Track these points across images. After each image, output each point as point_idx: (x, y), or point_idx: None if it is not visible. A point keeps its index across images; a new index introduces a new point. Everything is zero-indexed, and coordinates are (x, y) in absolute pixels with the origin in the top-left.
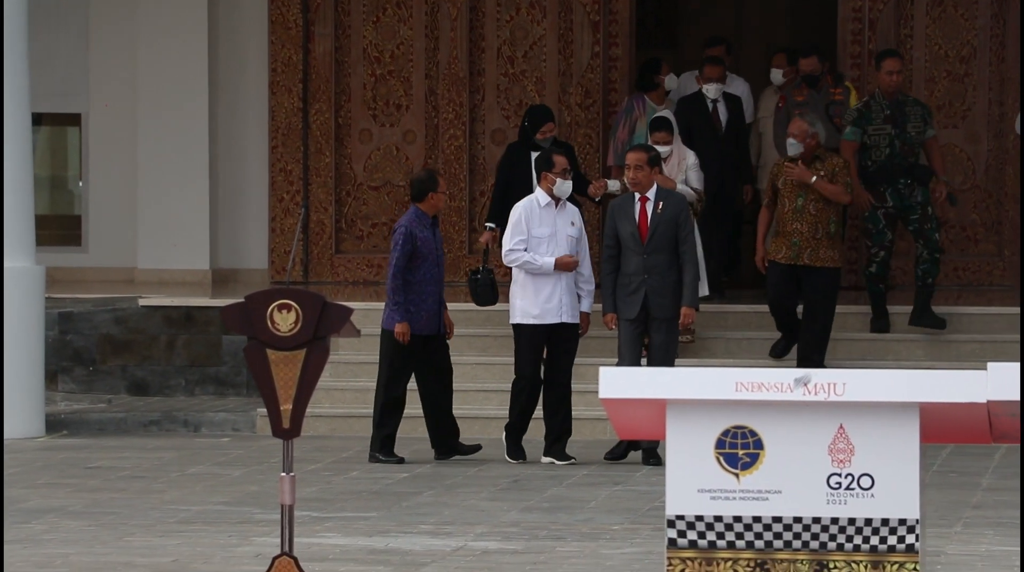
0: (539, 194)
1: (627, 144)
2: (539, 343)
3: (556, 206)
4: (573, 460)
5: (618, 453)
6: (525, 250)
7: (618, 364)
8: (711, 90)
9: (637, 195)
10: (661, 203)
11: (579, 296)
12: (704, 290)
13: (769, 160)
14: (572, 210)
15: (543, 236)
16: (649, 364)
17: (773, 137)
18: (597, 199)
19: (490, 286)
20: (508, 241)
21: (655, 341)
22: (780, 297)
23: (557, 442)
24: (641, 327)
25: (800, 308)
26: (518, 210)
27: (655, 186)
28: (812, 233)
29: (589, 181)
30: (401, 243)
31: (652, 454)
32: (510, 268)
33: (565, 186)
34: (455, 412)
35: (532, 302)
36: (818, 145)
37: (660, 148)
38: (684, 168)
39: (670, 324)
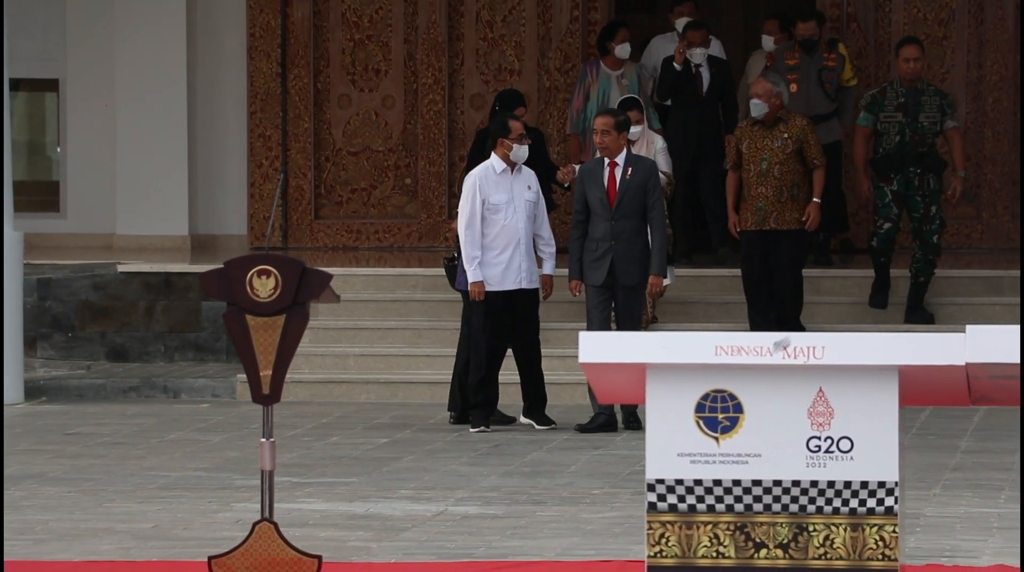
0: (494, 160)
1: (582, 112)
2: (497, 310)
3: (512, 171)
4: (554, 425)
5: (591, 428)
6: (474, 241)
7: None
8: (696, 55)
9: (606, 160)
10: (631, 169)
11: (540, 259)
12: (670, 278)
13: None
14: (528, 174)
15: (500, 203)
16: (616, 325)
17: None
18: (566, 185)
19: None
20: (463, 214)
21: (620, 308)
22: (755, 269)
23: (535, 407)
24: (608, 293)
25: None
26: (472, 178)
27: (624, 151)
28: (777, 196)
29: (557, 167)
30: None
31: (632, 417)
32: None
33: (521, 151)
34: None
35: (490, 268)
36: (781, 106)
37: (636, 128)
38: (652, 152)
39: (636, 291)
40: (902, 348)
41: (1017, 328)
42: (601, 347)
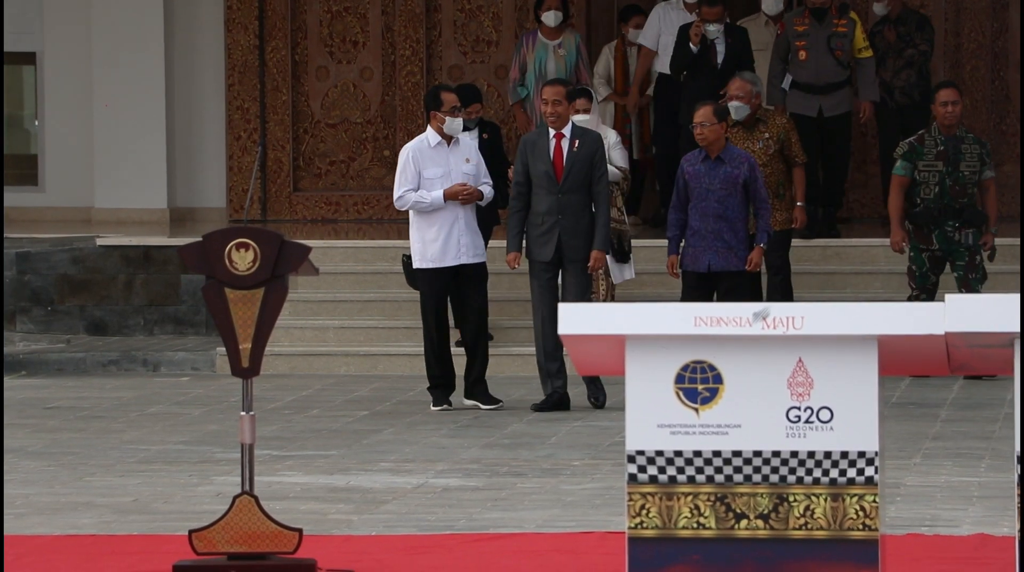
0: (429, 134)
1: (517, 83)
2: (440, 288)
3: (448, 144)
4: (500, 404)
5: (546, 406)
6: (415, 191)
7: (534, 319)
8: (712, 31)
9: (552, 131)
10: (577, 141)
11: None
12: (629, 273)
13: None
14: (467, 146)
15: (435, 177)
16: (564, 301)
17: (769, 70)
18: None
19: None
20: (396, 187)
21: (568, 282)
22: None
23: (477, 384)
24: (554, 271)
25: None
26: (406, 153)
27: (571, 123)
28: None
29: (511, 163)
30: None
31: (600, 390)
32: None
33: (455, 123)
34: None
35: (430, 245)
36: (760, 105)
37: (579, 117)
38: (606, 147)
39: (584, 266)
40: (881, 318)
41: (996, 297)
42: (580, 318)
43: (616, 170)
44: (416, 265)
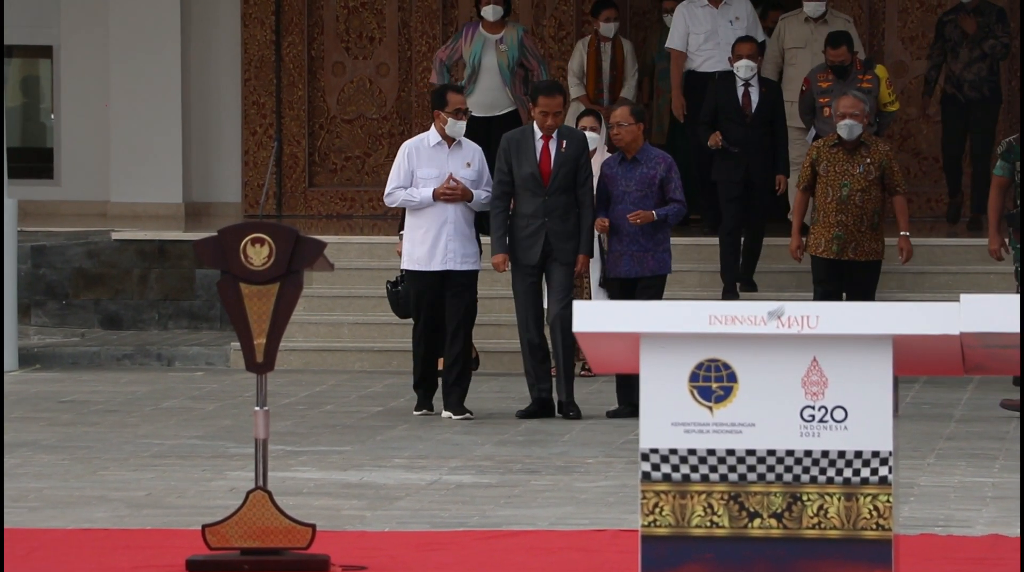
0: (430, 133)
1: (444, 64)
2: (427, 289)
3: (449, 146)
4: (470, 415)
5: (530, 413)
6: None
7: (519, 321)
8: (742, 69)
9: (538, 132)
10: (564, 142)
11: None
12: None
13: (793, 95)
14: (470, 150)
15: (429, 177)
16: (549, 303)
17: (800, 116)
18: None
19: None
20: (388, 183)
21: (554, 283)
22: (829, 295)
23: (451, 394)
24: (538, 274)
25: None
26: (404, 149)
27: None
28: (857, 226)
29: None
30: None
31: (571, 406)
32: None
33: (458, 126)
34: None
35: (418, 247)
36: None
37: (588, 134)
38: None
39: (571, 268)
40: (896, 317)
41: (1012, 297)
42: (595, 316)
43: None
44: (404, 265)
